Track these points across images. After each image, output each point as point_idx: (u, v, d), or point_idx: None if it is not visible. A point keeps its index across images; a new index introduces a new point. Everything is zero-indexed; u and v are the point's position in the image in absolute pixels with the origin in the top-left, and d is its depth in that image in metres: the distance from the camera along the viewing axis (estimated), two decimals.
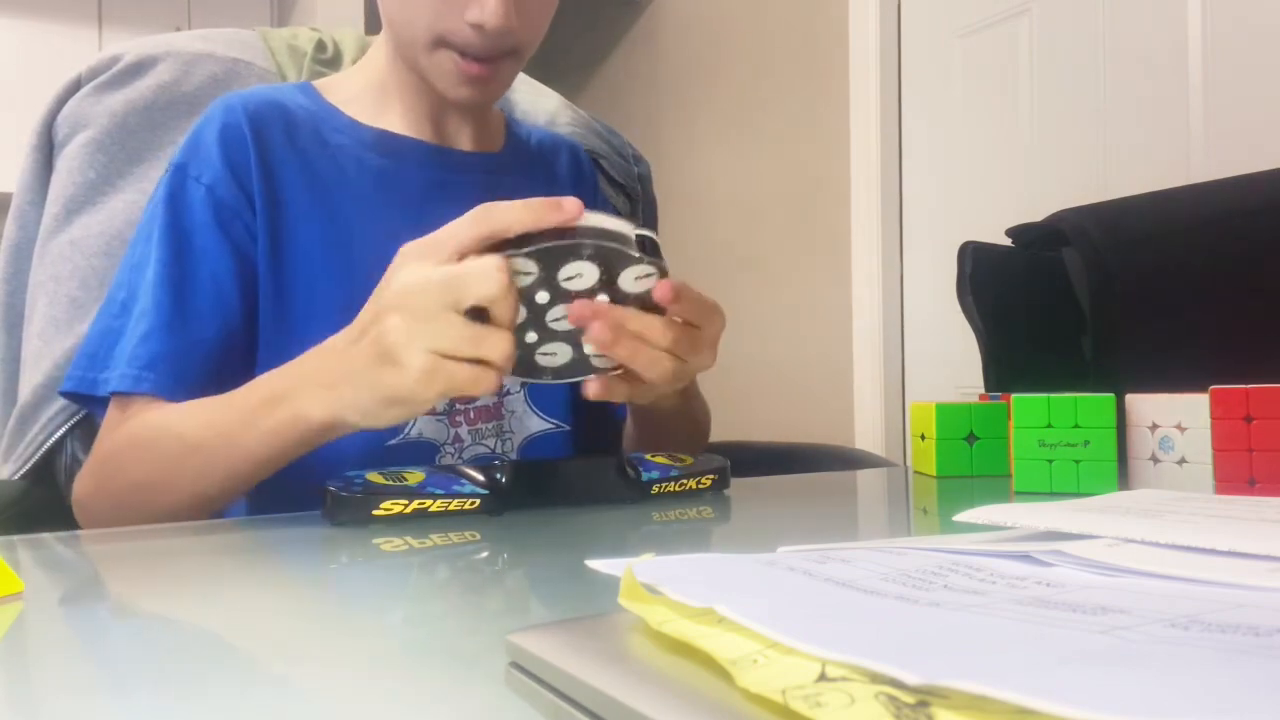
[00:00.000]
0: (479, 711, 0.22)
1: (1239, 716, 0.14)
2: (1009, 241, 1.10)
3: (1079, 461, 0.61)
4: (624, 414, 0.82)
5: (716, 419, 0.85)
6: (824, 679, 0.17)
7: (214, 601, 0.35)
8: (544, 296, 0.48)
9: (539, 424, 0.78)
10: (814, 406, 2.24)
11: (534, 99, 1.07)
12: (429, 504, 0.51)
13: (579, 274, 0.47)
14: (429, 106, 0.75)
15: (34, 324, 0.90)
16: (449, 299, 0.48)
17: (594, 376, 0.53)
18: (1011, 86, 1.84)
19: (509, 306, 0.48)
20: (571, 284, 0.48)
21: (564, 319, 0.49)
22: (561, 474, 0.58)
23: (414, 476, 0.52)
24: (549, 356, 0.52)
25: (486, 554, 0.44)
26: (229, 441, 0.58)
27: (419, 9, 0.67)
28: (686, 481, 0.61)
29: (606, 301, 0.49)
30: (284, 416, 0.55)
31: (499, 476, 0.54)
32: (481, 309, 0.48)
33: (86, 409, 0.78)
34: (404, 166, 0.74)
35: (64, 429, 0.87)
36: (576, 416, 0.80)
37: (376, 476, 0.52)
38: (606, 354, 0.52)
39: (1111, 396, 0.61)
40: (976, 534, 0.34)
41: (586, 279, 0.48)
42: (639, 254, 0.48)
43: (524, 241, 0.47)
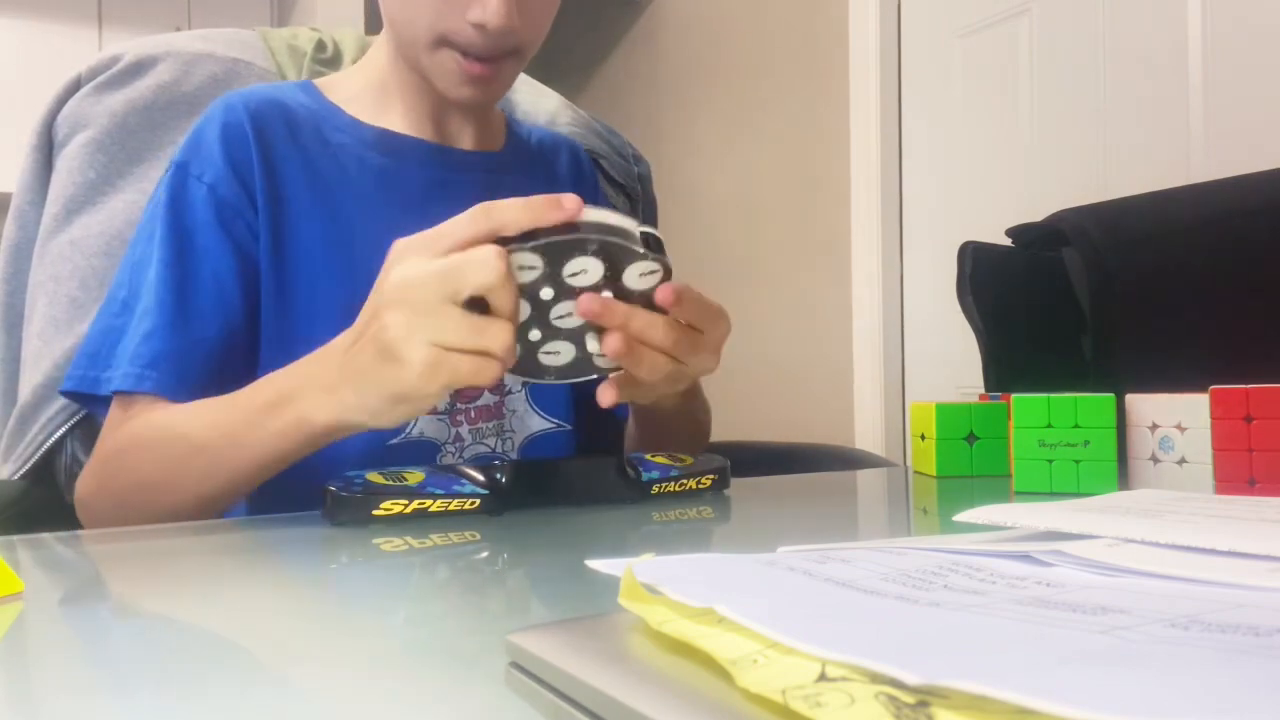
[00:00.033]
0: (479, 711, 0.22)
1: (1239, 716, 0.14)
2: (1009, 241, 1.10)
3: (1079, 461, 0.61)
4: (625, 413, 0.82)
5: (717, 419, 0.85)
6: (824, 679, 0.17)
7: (214, 601, 0.35)
8: (548, 293, 0.48)
9: (540, 423, 0.78)
10: (814, 406, 2.24)
11: (534, 99, 1.07)
12: (429, 504, 0.51)
13: (584, 270, 0.47)
14: (430, 106, 0.75)
15: (34, 324, 0.90)
16: (447, 290, 0.47)
17: (606, 383, 0.53)
18: (1011, 86, 1.84)
19: (508, 295, 0.47)
20: (576, 280, 0.48)
21: (568, 316, 0.49)
22: (561, 474, 0.58)
23: (414, 476, 0.52)
24: (552, 355, 0.52)
25: (486, 554, 0.44)
26: (233, 443, 0.58)
27: (420, 8, 0.67)
28: (686, 481, 0.61)
29: (612, 297, 0.49)
30: (289, 419, 0.55)
31: (499, 476, 0.54)
32: (481, 302, 0.48)
33: (87, 408, 0.78)
34: (405, 165, 0.74)
35: (64, 429, 0.87)
36: (578, 416, 0.80)
37: (376, 476, 0.52)
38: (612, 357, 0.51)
39: (1111, 396, 0.61)
40: (976, 534, 0.34)
41: (591, 275, 0.48)
42: (643, 250, 0.48)
43: (529, 237, 0.46)
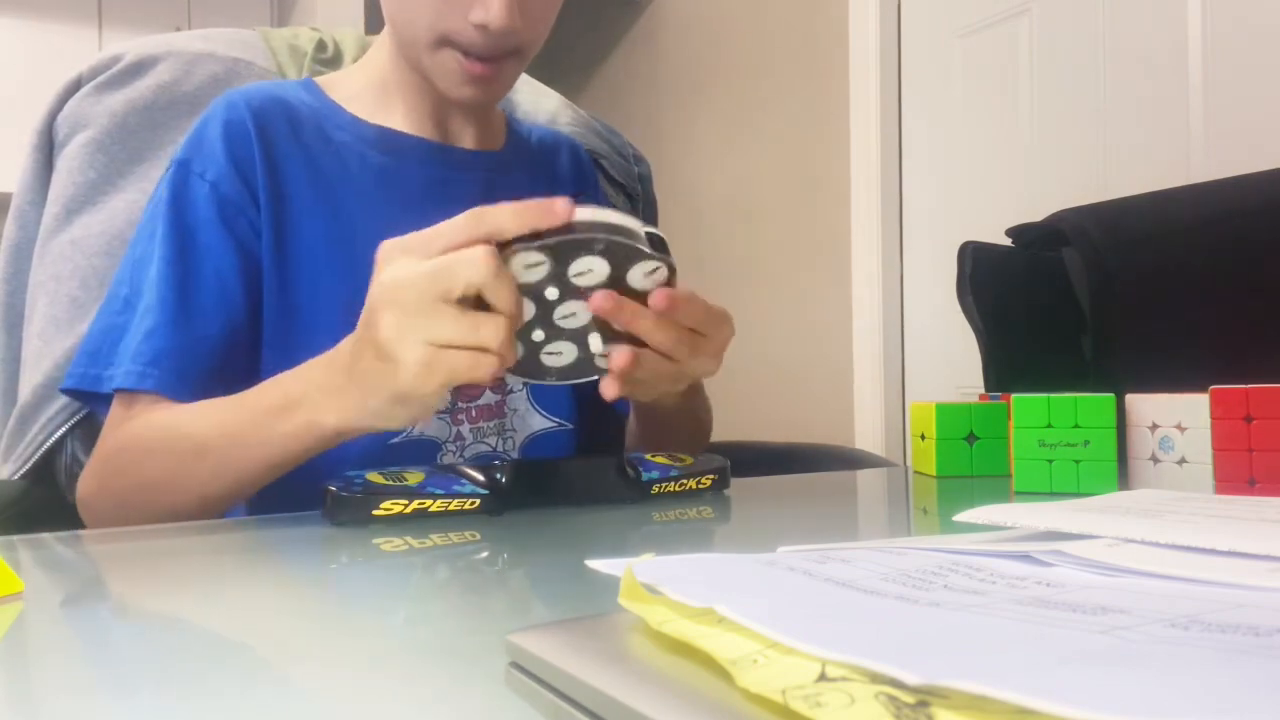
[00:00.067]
0: (479, 711, 0.22)
1: (1239, 716, 0.14)
2: (1009, 241, 1.10)
3: (1079, 461, 0.61)
4: (627, 410, 0.82)
5: (717, 419, 0.85)
6: (824, 679, 0.17)
7: (214, 601, 0.35)
8: (553, 293, 0.48)
9: (541, 422, 0.78)
10: (814, 406, 2.24)
11: (535, 99, 1.07)
12: (429, 504, 0.51)
13: (589, 269, 0.47)
14: (431, 105, 0.75)
15: (34, 324, 0.90)
16: (438, 289, 0.47)
17: (605, 379, 0.53)
18: (1011, 86, 1.84)
19: (504, 291, 0.47)
20: (581, 279, 0.48)
21: (572, 316, 0.49)
22: (561, 474, 0.58)
23: (414, 476, 0.52)
24: (554, 356, 0.52)
25: (486, 554, 0.44)
26: (240, 445, 0.58)
27: (422, 8, 0.67)
28: (686, 481, 0.61)
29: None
30: (298, 423, 0.55)
31: (499, 476, 0.54)
32: (479, 300, 0.48)
33: (89, 407, 0.78)
34: (406, 164, 0.74)
35: (64, 429, 0.87)
36: (579, 415, 0.80)
37: (376, 476, 0.52)
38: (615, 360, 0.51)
39: (1111, 396, 0.61)
40: (976, 534, 0.34)
41: (596, 274, 0.48)
42: (649, 250, 0.48)
43: (535, 236, 0.46)
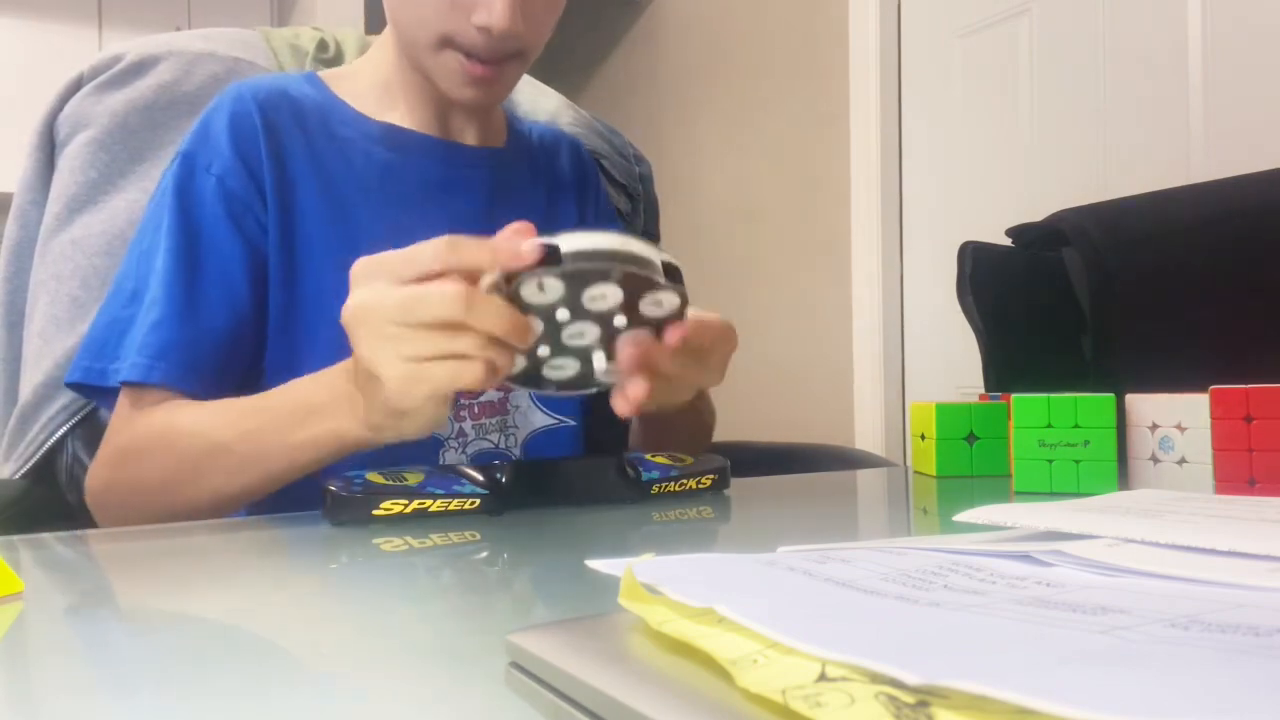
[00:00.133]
0: (479, 711, 0.22)
1: (1239, 716, 0.14)
2: (1009, 241, 1.10)
3: (1079, 461, 0.61)
4: None
5: (717, 419, 0.85)
6: (824, 679, 0.17)
7: (215, 601, 0.35)
8: (564, 314, 0.48)
9: (543, 419, 0.78)
10: (814, 406, 2.24)
11: (535, 99, 1.07)
12: (429, 504, 0.51)
13: (603, 295, 0.47)
14: (434, 104, 0.75)
15: (35, 323, 0.90)
16: (407, 319, 0.47)
17: (619, 395, 0.53)
18: (1011, 86, 1.84)
19: (485, 320, 0.47)
20: (594, 304, 0.48)
21: (579, 335, 0.50)
22: (562, 474, 0.58)
23: (414, 476, 0.52)
24: (556, 370, 0.52)
25: (486, 554, 0.44)
26: (259, 447, 0.57)
27: (425, 10, 0.67)
28: (686, 481, 0.61)
29: (624, 322, 0.49)
30: (320, 431, 0.55)
31: (499, 476, 0.54)
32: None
33: (93, 401, 0.77)
34: (410, 160, 0.75)
35: (65, 428, 0.87)
36: (582, 412, 0.80)
37: (376, 476, 0.52)
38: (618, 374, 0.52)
39: (1111, 396, 0.61)
40: (976, 534, 0.34)
41: (610, 300, 0.48)
42: (664, 281, 0.48)
43: (554, 258, 0.46)
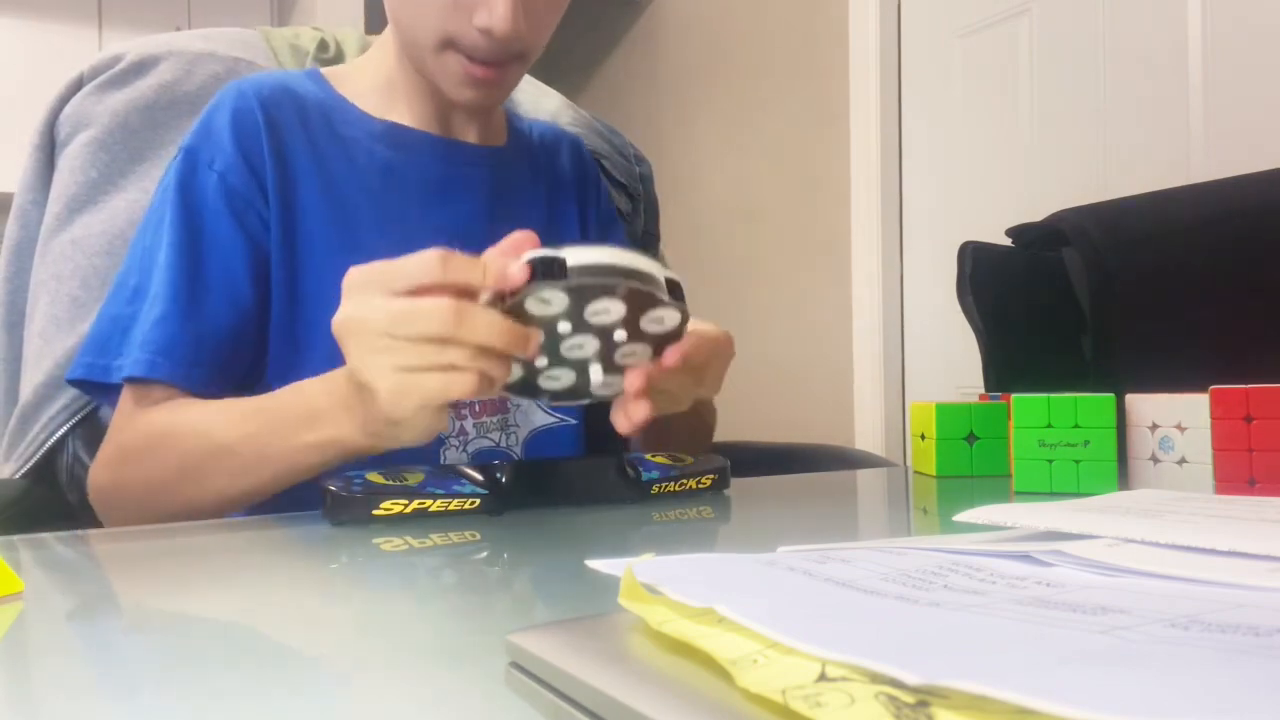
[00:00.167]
0: (479, 711, 0.22)
1: (1239, 716, 0.14)
2: (1009, 241, 1.10)
3: (1079, 461, 0.61)
4: None
5: (718, 419, 0.85)
6: (824, 679, 0.17)
7: (215, 601, 0.35)
8: (565, 327, 0.48)
9: (544, 418, 0.78)
10: (814, 406, 2.24)
11: (536, 99, 1.07)
12: (429, 504, 0.51)
13: (606, 310, 0.48)
14: (435, 104, 0.76)
15: (35, 323, 0.90)
16: (398, 331, 0.47)
17: (619, 413, 0.53)
18: (1011, 86, 1.84)
19: (477, 334, 0.47)
20: (596, 318, 0.48)
21: (578, 348, 0.50)
22: (562, 474, 0.58)
23: (414, 476, 0.52)
24: (553, 380, 0.52)
25: (486, 554, 0.44)
26: (262, 449, 0.57)
27: (426, 11, 0.67)
28: (686, 481, 0.61)
29: (624, 336, 0.49)
30: (321, 436, 0.55)
31: (499, 476, 0.54)
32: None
33: (96, 398, 0.77)
34: (412, 159, 0.75)
35: (65, 428, 0.87)
36: (582, 412, 0.80)
37: (376, 476, 0.52)
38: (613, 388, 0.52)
39: (1111, 396, 0.61)
40: (976, 534, 0.34)
41: (612, 314, 0.48)
42: (667, 298, 0.48)
43: (558, 271, 0.46)
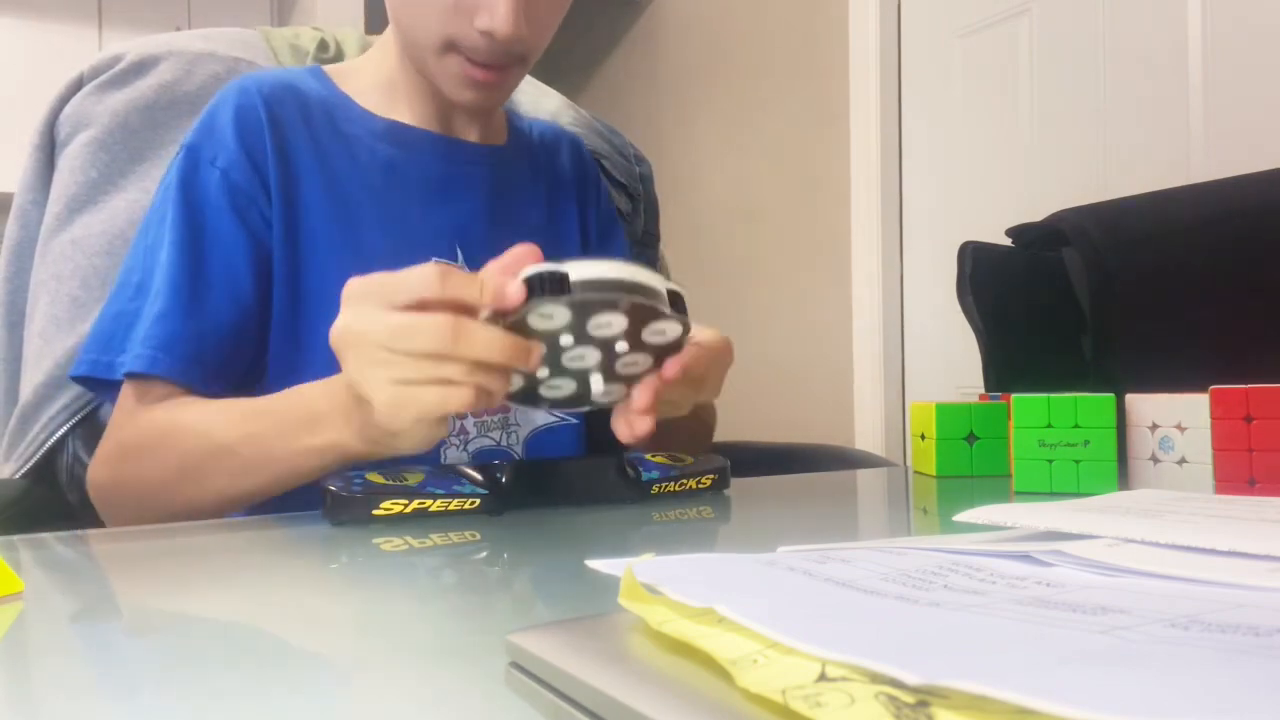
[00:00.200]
0: (479, 711, 0.22)
1: (1239, 716, 0.14)
2: (1009, 241, 1.10)
3: (1079, 461, 0.61)
4: None
5: (718, 419, 0.85)
6: (824, 679, 0.17)
7: (215, 602, 0.35)
8: (567, 340, 0.48)
9: (545, 417, 0.78)
10: (814, 406, 2.24)
11: (536, 99, 1.07)
12: (429, 504, 0.51)
13: (608, 323, 0.48)
14: (436, 104, 0.76)
15: (35, 323, 0.90)
16: (395, 345, 0.47)
17: (622, 423, 0.53)
18: (1011, 86, 1.84)
19: (475, 350, 0.47)
20: (599, 331, 0.48)
21: (579, 359, 0.50)
22: (562, 474, 0.58)
23: (414, 476, 0.52)
24: (553, 389, 0.52)
25: (486, 554, 0.44)
26: (263, 451, 0.57)
27: (428, 14, 0.67)
28: (686, 481, 0.61)
29: (626, 348, 0.49)
30: (322, 440, 0.55)
31: (499, 476, 0.54)
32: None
33: (99, 395, 0.77)
34: (413, 157, 0.75)
35: (65, 428, 0.87)
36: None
37: (376, 476, 0.52)
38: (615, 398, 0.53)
39: (1111, 396, 0.61)
40: (976, 534, 0.34)
41: (614, 327, 0.48)
42: (669, 311, 0.49)
43: (561, 287, 0.46)
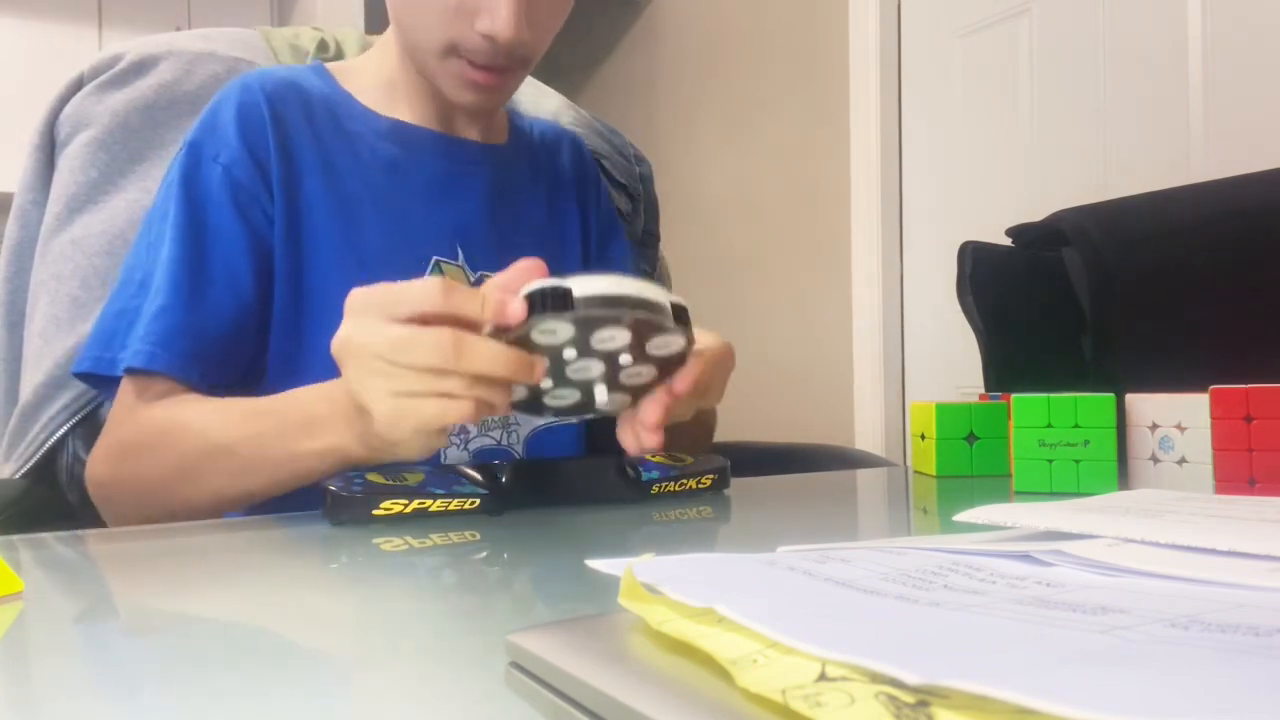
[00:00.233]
0: (479, 711, 0.22)
1: (1239, 716, 0.14)
2: (1009, 241, 1.10)
3: (1079, 461, 0.61)
4: None
5: (718, 419, 0.85)
6: (824, 679, 0.17)
7: (215, 602, 0.35)
8: (571, 353, 0.49)
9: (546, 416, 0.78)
10: (814, 406, 2.24)
11: (536, 99, 1.07)
12: (429, 504, 0.51)
13: (612, 337, 0.48)
14: (437, 104, 0.76)
15: (35, 323, 0.90)
16: (396, 358, 0.47)
17: (629, 436, 0.53)
18: (1011, 86, 1.84)
19: (476, 364, 0.47)
20: (602, 345, 0.48)
21: (583, 370, 0.50)
22: (562, 474, 0.58)
23: (414, 476, 0.52)
24: (557, 399, 0.52)
25: (486, 554, 0.44)
26: (262, 452, 0.57)
27: (429, 16, 0.67)
28: (686, 481, 0.61)
29: (629, 360, 0.49)
30: (322, 444, 0.55)
31: (499, 476, 0.54)
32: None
33: (102, 391, 0.77)
34: (414, 155, 0.75)
35: (65, 428, 0.87)
36: None
37: (376, 476, 0.52)
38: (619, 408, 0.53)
39: (1111, 396, 0.61)
40: (976, 534, 0.34)
41: (618, 341, 0.48)
42: (673, 325, 0.49)
43: (565, 303, 0.46)
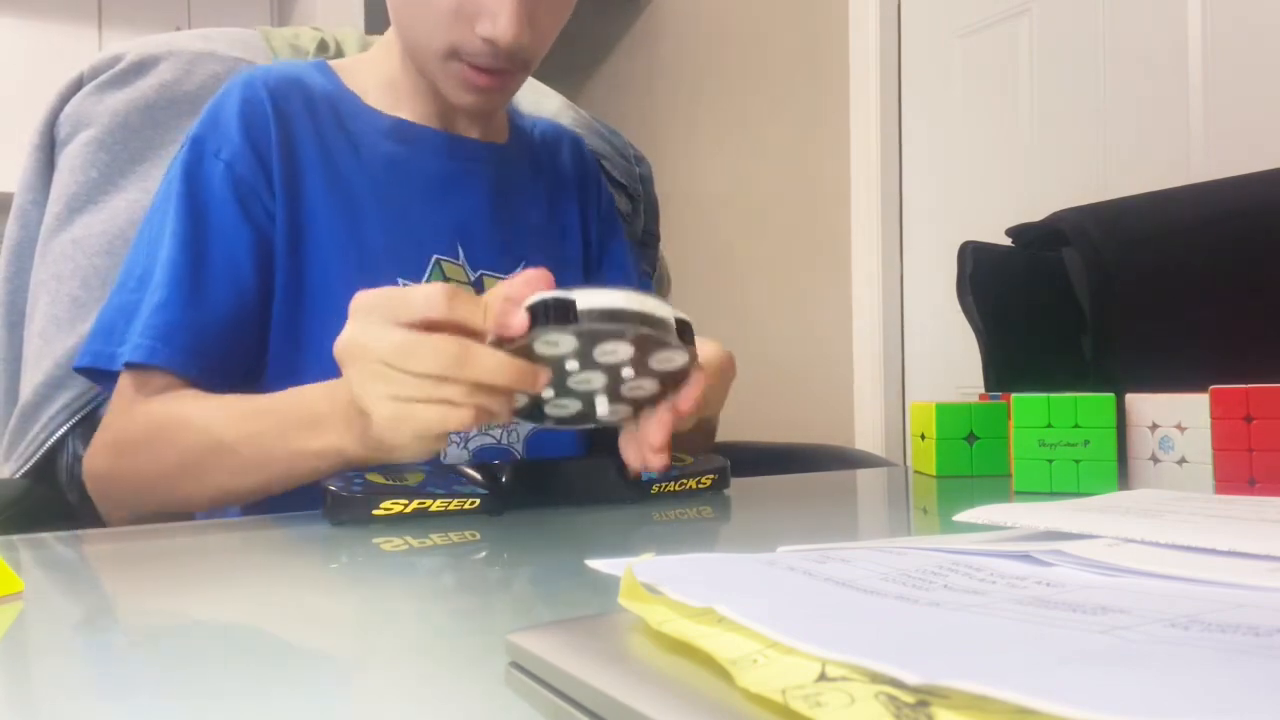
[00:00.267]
0: (479, 711, 0.22)
1: (1239, 716, 0.14)
2: (1009, 241, 1.10)
3: (1079, 461, 0.61)
4: None
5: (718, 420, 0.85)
6: (824, 679, 0.17)
7: (214, 602, 0.35)
8: (573, 365, 0.49)
9: None
10: (814, 406, 2.24)
11: (536, 100, 1.07)
12: (429, 504, 0.51)
13: (614, 351, 0.48)
14: (437, 105, 0.76)
15: (35, 323, 0.90)
16: (398, 364, 0.47)
17: (633, 453, 0.53)
18: (1011, 86, 1.84)
19: (477, 372, 0.47)
20: (605, 358, 0.48)
21: (585, 382, 0.50)
22: (562, 474, 0.58)
23: (414, 476, 0.52)
24: (558, 408, 0.52)
25: (486, 554, 0.44)
26: (262, 451, 0.57)
27: (430, 19, 0.67)
28: (686, 481, 0.61)
29: (632, 374, 0.49)
30: (324, 445, 0.55)
31: (499, 476, 0.54)
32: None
33: (103, 386, 0.77)
34: (416, 154, 0.75)
35: (65, 427, 0.87)
36: None
37: (376, 476, 0.52)
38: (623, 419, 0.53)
39: (1111, 396, 0.61)
40: (976, 534, 0.34)
41: (620, 355, 0.48)
42: (676, 341, 0.49)
43: (568, 316, 0.46)
